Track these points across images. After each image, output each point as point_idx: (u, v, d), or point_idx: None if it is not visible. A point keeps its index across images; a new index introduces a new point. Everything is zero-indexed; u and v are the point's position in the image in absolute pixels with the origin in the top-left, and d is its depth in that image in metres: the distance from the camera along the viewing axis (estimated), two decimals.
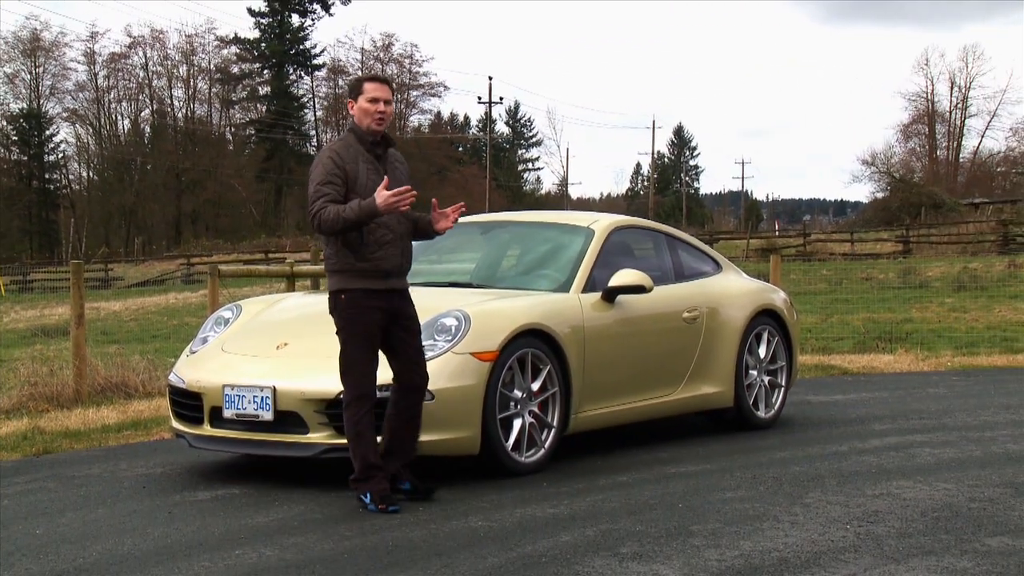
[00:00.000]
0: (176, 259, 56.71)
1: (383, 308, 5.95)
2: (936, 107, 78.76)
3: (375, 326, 5.94)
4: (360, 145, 6.03)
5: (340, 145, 6.06)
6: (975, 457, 7.27)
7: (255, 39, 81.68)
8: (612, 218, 8.19)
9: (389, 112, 6.07)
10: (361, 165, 5.98)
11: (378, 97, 6.02)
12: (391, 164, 6.11)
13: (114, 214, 76.18)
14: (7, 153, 77.20)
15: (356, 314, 5.93)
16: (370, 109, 6.01)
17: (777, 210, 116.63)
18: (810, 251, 43.66)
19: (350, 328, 5.94)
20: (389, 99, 6.07)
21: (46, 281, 44.32)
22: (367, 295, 5.93)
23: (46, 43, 76.62)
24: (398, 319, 6.02)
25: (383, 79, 6.20)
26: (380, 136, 6.08)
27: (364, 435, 5.90)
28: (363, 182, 5.94)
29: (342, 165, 5.94)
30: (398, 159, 6.22)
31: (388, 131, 6.17)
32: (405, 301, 6.07)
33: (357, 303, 5.93)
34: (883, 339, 15.63)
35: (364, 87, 6.05)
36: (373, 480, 5.89)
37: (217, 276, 10.95)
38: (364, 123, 6.03)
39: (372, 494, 5.86)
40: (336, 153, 5.99)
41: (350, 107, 6.13)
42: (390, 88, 6.15)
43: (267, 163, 80.00)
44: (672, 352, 7.94)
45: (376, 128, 6.04)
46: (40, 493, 6.54)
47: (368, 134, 6.05)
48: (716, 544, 5.18)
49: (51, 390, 10.16)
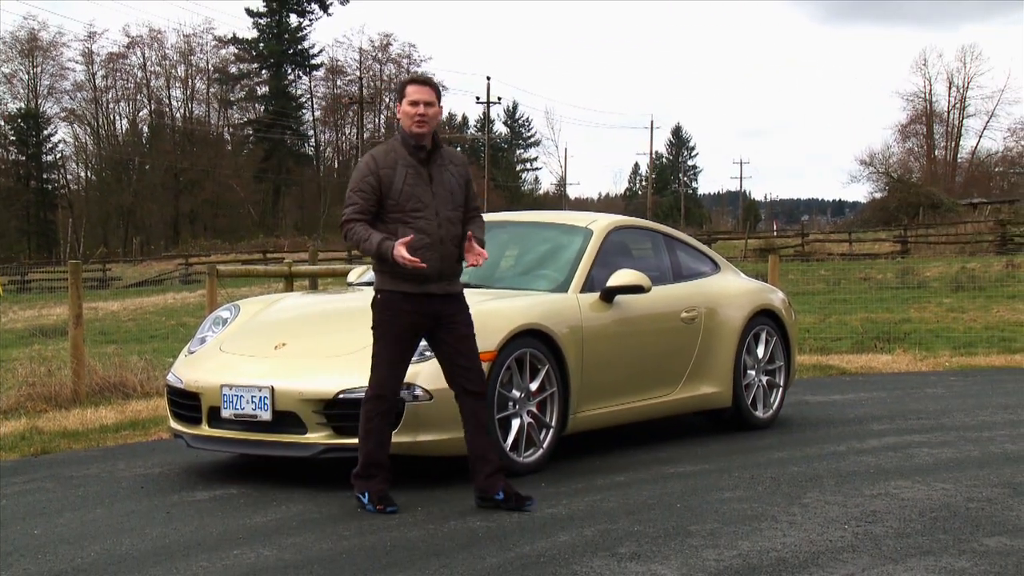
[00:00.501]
0: (174, 259, 56.72)
1: (419, 312, 5.86)
2: (934, 107, 78.91)
3: (407, 329, 5.87)
4: (403, 149, 5.93)
5: (381, 149, 5.99)
6: (973, 457, 7.28)
7: (253, 39, 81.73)
8: (610, 218, 8.19)
9: (431, 114, 5.90)
10: (400, 170, 5.87)
11: (418, 99, 5.88)
12: (438, 168, 5.96)
13: (112, 214, 76.17)
14: (5, 153, 77.20)
15: (389, 315, 5.89)
16: (410, 112, 5.89)
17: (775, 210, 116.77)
18: (808, 251, 43.70)
19: (381, 328, 5.92)
20: (430, 100, 5.90)
21: (44, 281, 44.34)
22: (401, 298, 5.86)
23: (44, 43, 76.76)
24: (440, 323, 5.92)
25: (424, 80, 6.02)
26: (423, 139, 5.93)
27: (372, 433, 5.87)
28: (398, 188, 5.84)
29: (376, 171, 5.87)
30: (452, 161, 6.04)
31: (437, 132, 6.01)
32: (449, 305, 5.92)
33: (390, 305, 5.89)
34: (881, 339, 15.64)
35: (406, 90, 5.94)
36: (374, 480, 5.88)
37: (215, 276, 10.95)
38: (406, 126, 5.92)
39: (370, 493, 5.86)
40: (373, 159, 5.93)
41: (397, 110, 6.03)
42: (432, 89, 5.97)
43: (265, 163, 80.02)
44: (670, 352, 7.94)
45: (417, 131, 5.89)
46: (38, 493, 6.53)
47: (410, 138, 5.92)
48: (714, 544, 5.18)
49: (49, 390, 10.16)
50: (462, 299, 6.03)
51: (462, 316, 5.98)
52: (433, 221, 5.87)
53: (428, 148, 5.96)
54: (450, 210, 5.95)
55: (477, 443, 5.95)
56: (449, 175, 5.99)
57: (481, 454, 5.93)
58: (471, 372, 5.95)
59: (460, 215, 6.00)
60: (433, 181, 5.92)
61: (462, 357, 5.94)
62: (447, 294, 5.94)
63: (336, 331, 6.95)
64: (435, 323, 5.92)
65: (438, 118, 5.98)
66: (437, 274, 5.88)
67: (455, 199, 5.98)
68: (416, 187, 5.86)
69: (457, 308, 5.98)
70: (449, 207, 5.95)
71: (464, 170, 6.10)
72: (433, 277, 5.87)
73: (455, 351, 5.93)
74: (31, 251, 71.52)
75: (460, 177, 6.04)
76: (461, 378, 5.94)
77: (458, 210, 5.99)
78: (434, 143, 5.99)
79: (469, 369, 5.94)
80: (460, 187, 6.02)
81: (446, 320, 5.93)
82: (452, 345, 5.94)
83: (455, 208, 5.98)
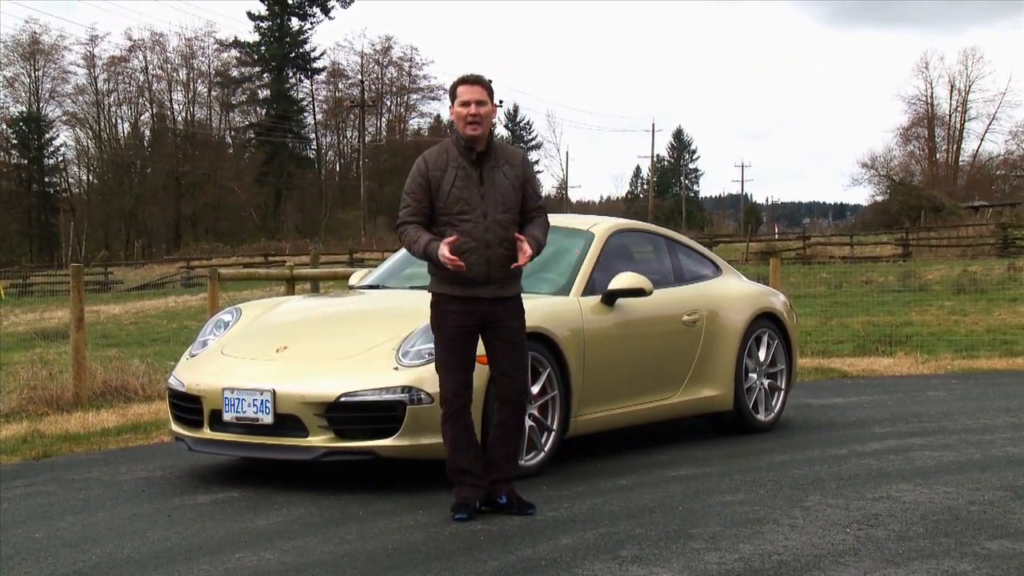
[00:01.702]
0: (176, 262, 56.73)
1: (469, 314, 5.80)
2: (936, 110, 78.90)
3: (459, 331, 5.81)
4: (455, 150, 5.87)
5: (434, 151, 5.93)
6: (975, 460, 7.27)
7: (255, 42, 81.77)
8: (612, 221, 8.19)
9: (483, 113, 5.79)
10: (450, 172, 5.81)
11: (470, 100, 5.80)
12: (491, 169, 5.85)
13: (114, 217, 76.19)
14: (7, 157, 77.22)
15: (440, 318, 5.86)
16: (463, 113, 5.80)
17: (776, 213, 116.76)
18: (810, 254, 43.69)
19: (436, 331, 5.90)
20: (482, 100, 5.80)
21: (46, 284, 44.32)
22: (449, 300, 5.82)
23: (46, 46, 76.78)
24: (489, 328, 5.85)
25: (475, 79, 5.89)
26: (477, 140, 5.83)
27: (447, 438, 5.86)
28: (446, 190, 5.78)
29: (426, 173, 5.83)
30: (508, 161, 5.91)
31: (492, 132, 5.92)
32: (499, 309, 5.82)
33: (441, 307, 5.86)
34: (883, 342, 15.63)
35: (457, 91, 5.86)
36: (457, 486, 5.85)
37: (217, 279, 10.96)
38: (460, 128, 5.85)
39: (455, 498, 5.83)
40: (424, 160, 5.89)
41: (450, 112, 5.96)
42: (484, 88, 5.85)
43: (266, 166, 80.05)
44: (672, 355, 7.94)
45: (471, 133, 5.80)
46: (40, 497, 6.54)
47: (463, 139, 5.84)
48: (716, 547, 5.18)
49: (51, 394, 10.16)
50: (515, 304, 5.92)
51: (512, 322, 5.88)
52: (480, 224, 5.77)
53: (480, 149, 5.85)
54: (500, 213, 5.82)
55: (496, 451, 5.91)
56: (502, 176, 5.86)
57: (495, 460, 5.90)
58: (514, 382, 5.87)
59: (512, 217, 5.87)
60: (484, 183, 5.82)
61: (508, 364, 5.87)
62: (497, 298, 5.82)
63: (338, 334, 6.95)
64: (484, 326, 5.85)
65: (492, 117, 5.88)
66: (484, 278, 5.78)
67: (507, 201, 5.85)
68: (464, 189, 5.78)
69: (508, 313, 5.86)
70: (499, 210, 5.82)
71: (521, 170, 5.93)
72: (480, 280, 5.77)
73: (501, 356, 5.87)
74: (33, 254, 71.52)
75: (515, 178, 5.90)
76: (503, 385, 5.88)
77: (510, 212, 5.86)
78: (488, 144, 5.89)
79: (513, 378, 5.87)
80: (514, 188, 5.87)
81: (496, 324, 5.84)
82: (499, 351, 5.87)
83: (506, 210, 5.84)
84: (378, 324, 6.92)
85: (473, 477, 5.83)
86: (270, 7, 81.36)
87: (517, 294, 5.94)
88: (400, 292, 7.71)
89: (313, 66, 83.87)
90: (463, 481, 5.83)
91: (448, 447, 5.87)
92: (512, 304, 5.90)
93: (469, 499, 5.80)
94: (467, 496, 5.80)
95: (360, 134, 77.39)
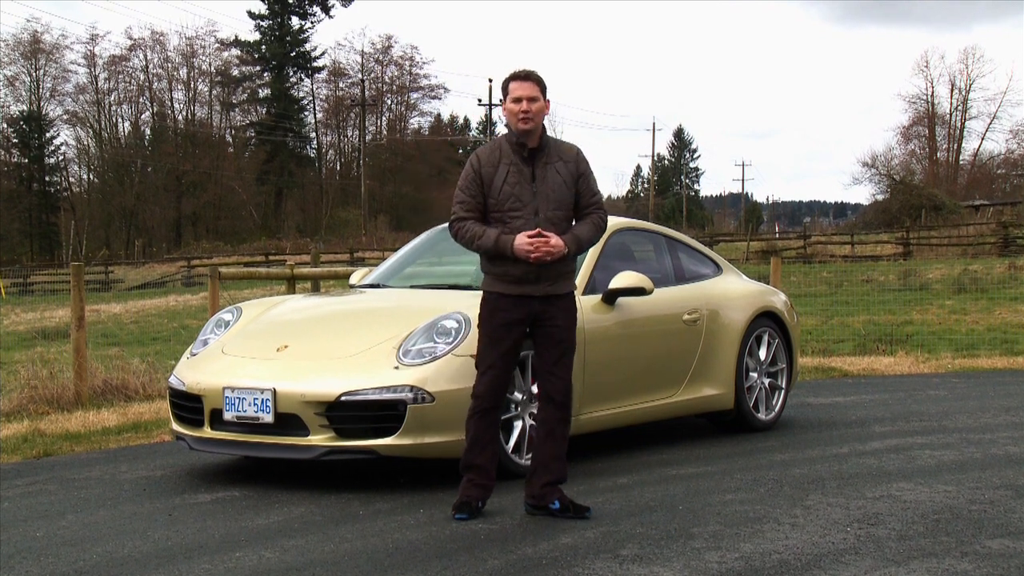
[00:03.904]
0: (176, 261, 56.74)
1: (518, 312, 5.75)
2: (936, 109, 78.85)
3: (505, 330, 5.75)
4: (508, 146, 5.83)
5: (487, 148, 5.89)
6: (975, 459, 7.27)
7: (255, 41, 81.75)
8: (612, 220, 8.17)
9: (536, 109, 5.74)
10: (502, 168, 5.77)
11: (521, 96, 5.74)
12: (544, 165, 5.79)
13: (114, 216, 76.20)
14: (7, 156, 77.20)
15: (487, 315, 5.81)
16: (514, 109, 5.75)
17: (777, 212, 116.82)
18: (810, 253, 43.68)
19: (481, 328, 5.85)
20: (534, 95, 5.75)
21: (46, 283, 44.32)
22: (498, 299, 5.77)
23: (46, 45, 76.71)
24: (538, 326, 5.80)
25: (527, 75, 5.82)
26: (529, 136, 5.77)
27: (469, 432, 5.81)
28: (498, 186, 5.75)
29: (479, 169, 5.79)
30: (562, 157, 5.85)
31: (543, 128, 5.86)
32: (549, 307, 5.76)
33: (490, 305, 5.81)
34: (883, 341, 15.63)
35: (508, 87, 5.81)
36: (463, 483, 5.82)
37: (217, 278, 10.96)
38: (512, 124, 5.81)
39: (459, 496, 5.80)
40: (477, 157, 5.85)
41: (502, 110, 5.92)
42: (536, 83, 5.80)
43: (267, 165, 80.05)
44: (672, 354, 7.94)
45: (523, 128, 5.74)
46: (40, 496, 6.54)
47: (515, 135, 5.81)
48: (717, 546, 5.18)
49: (51, 393, 10.16)
50: (566, 302, 5.85)
51: (562, 320, 5.83)
52: (531, 222, 5.72)
53: (533, 146, 5.81)
54: (553, 210, 5.77)
55: (543, 451, 5.83)
56: (555, 172, 5.81)
57: (545, 463, 5.82)
58: (560, 380, 5.82)
59: (565, 214, 5.82)
60: (536, 179, 5.78)
61: (555, 363, 5.81)
62: (547, 295, 5.77)
63: (338, 333, 6.95)
64: (533, 324, 5.81)
65: (544, 113, 5.83)
66: (534, 276, 5.73)
67: (559, 198, 5.79)
68: (517, 186, 5.74)
69: (558, 310, 5.80)
70: (552, 206, 5.77)
71: (575, 165, 5.86)
72: (530, 279, 5.73)
73: (548, 355, 5.81)
74: (33, 254, 71.55)
75: (569, 175, 5.84)
76: (548, 384, 5.83)
77: (563, 209, 5.81)
78: (541, 140, 5.84)
79: (558, 377, 5.82)
80: (567, 185, 5.82)
81: (545, 322, 5.79)
82: (547, 349, 5.81)
83: (559, 207, 5.79)
84: (379, 323, 6.92)
85: (482, 476, 5.81)
86: (271, 6, 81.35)
87: (570, 292, 5.88)
88: (401, 291, 7.71)
89: (314, 65, 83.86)
90: (471, 478, 5.80)
91: (468, 441, 5.82)
92: (563, 302, 5.84)
93: (472, 499, 5.78)
94: (471, 495, 5.79)
95: (361, 133, 77.40)
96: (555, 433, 5.82)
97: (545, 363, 5.82)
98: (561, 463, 5.84)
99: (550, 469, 5.80)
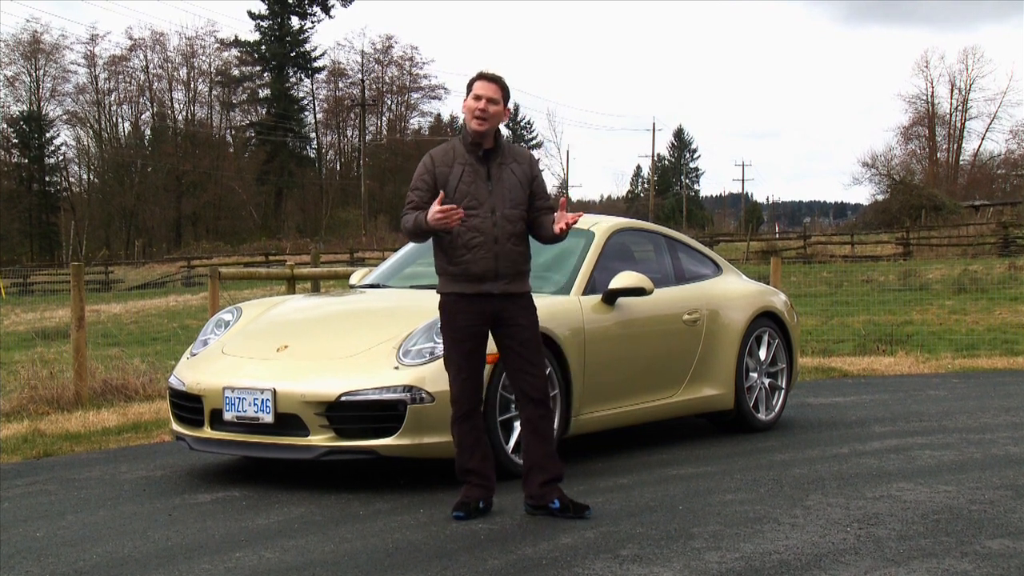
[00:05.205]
0: (176, 262, 56.74)
1: (478, 312, 5.76)
2: (936, 109, 78.86)
3: (467, 331, 5.76)
4: (462, 147, 5.86)
5: (441, 148, 5.93)
6: (975, 459, 7.27)
7: (255, 42, 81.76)
8: (612, 220, 8.19)
9: (494, 112, 5.77)
10: (456, 168, 5.80)
11: (482, 95, 5.76)
12: (499, 165, 5.83)
13: (114, 216, 76.21)
14: (7, 156, 77.21)
15: (449, 318, 5.81)
16: (472, 106, 5.78)
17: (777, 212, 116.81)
18: (810, 253, 43.68)
19: (444, 331, 5.85)
20: (494, 98, 5.77)
21: (46, 284, 44.32)
22: (458, 299, 5.78)
23: (46, 46, 76.74)
24: (500, 325, 5.81)
25: (493, 78, 5.86)
26: (482, 137, 5.80)
27: (455, 438, 5.82)
28: (453, 186, 5.77)
29: (432, 169, 5.83)
30: (516, 159, 5.91)
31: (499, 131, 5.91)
32: (510, 305, 5.78)
33: (449, 306, 5.81)
34: (883, 341, 15.63)
35: (474, 85, 5.83)
36: (463, 486, 5.84)
37: (217, 278, 10.96)
38: (467, 121, 5.84)
39: (461, 496, 5.81)
40: (431, 156, 5.89)
41: (463, 106, 5.92)
42: (499, 87, 5.82)
43: (267, 165, 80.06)
44: (672, 354, 7.94)
45: (477, 128, 5.78)
46: (40, 496, 6.54)
47: (469, 134, 5.84)
48: (716, 546, 5.18)
49: (51, 393, 10.16)
50: (526, 300, 5.87)
51: (525, 318, 5.83)
52: (488, 219, 5.75)
53: (487, 147, 5.84)
54: (509, 208, 5.81)
55: (534, 451, 5.82)
56: (510, 172, 5.85)
57: (538, 463, 5.81)
58: (533, 378, 5.81)
59: (521, 213, 5.85)
60: (492, 178, 5.81)
61: (524, 361, 5.80)
62: (506, 294, 5.79)
63: (338, 333, 6.95)
64: (495, 324, 5.81)
65: (500, 118, 5.85)
66: (493, 273, 5.75)
67: (515, 197, 5.83)
68: (473, 185, 5.77)
69: (518, 309, 5.82)
70: (508, 205, 5.81)
71: (528, 168, 5.92)
72: (488, 276, 5.75)
73: (517, 355, 5.81)
74: (33, 254, 71.55)
75: (524, 175, 5.89)
76: (522, 383, 5.81)
77: (519, 208, 5.84)
78: (496, 142, 5.87)
79: (531, 375, 5.81)
80: (522, 185, 5.86)
81: (507, 321, 5.80)
82: (514, 349, 5.81)
83: (515, 206, 5.83)
84: (379, 323, 6.92)
85: (480, 477, 5.81)
86: (271, 6, 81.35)
87: (527, 291, 5.90)
88: (401, 291, 7.71)
89: (314, 65, 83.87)
90: (471, 481, 5.82)
91: (456, 447, 5.85)
92: (523, 301, 5.86)
93: (473, 499, 5.79)
94: (473, 496, 5.79)
95: (361, 133, 77.40)
96: (539, 431, 5.83)
97: (516, 363, 5.82)
98: (555, 461, 5.84)
99: (545, 468, 5.81)
